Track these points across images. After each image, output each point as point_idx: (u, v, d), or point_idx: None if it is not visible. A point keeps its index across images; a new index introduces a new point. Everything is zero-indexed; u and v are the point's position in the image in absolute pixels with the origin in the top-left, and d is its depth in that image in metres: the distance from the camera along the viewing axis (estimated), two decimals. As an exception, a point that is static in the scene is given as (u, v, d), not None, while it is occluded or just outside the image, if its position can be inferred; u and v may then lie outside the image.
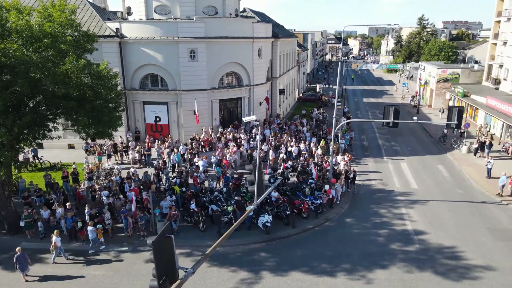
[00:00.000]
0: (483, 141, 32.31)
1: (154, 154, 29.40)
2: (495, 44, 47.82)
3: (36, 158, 29.32)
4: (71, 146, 33.30)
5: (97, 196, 22.10)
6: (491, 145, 31.78)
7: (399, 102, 60.21)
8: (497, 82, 45.38)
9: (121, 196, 21.94)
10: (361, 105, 58.08)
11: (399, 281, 16.11)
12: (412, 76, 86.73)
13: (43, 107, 17.93)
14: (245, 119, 14.92)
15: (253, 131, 32.52)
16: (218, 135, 31.32)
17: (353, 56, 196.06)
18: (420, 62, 68.04)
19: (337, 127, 25.06)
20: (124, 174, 24.60)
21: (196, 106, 31.07)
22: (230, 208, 20.24)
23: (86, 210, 19.62)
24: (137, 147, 29.11)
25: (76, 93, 17.61)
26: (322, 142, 31.09)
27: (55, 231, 17.36)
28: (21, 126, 16.66)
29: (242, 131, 32.21)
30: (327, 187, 22.60)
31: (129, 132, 32.53)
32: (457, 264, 17.27)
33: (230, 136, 30.89)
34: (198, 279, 16.29)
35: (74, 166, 25.07)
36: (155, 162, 26.53)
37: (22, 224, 19.01)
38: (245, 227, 20.16)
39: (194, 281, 16.20)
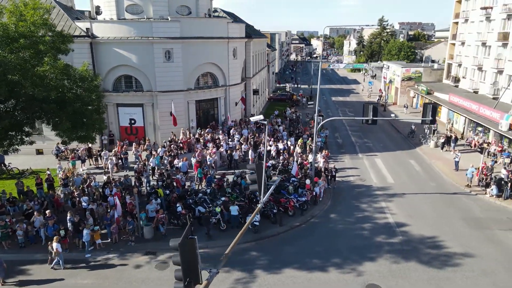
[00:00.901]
0: (449, 135, 34.18)
1: (131, 157, 28.73)
2: (454, 44, 50.56)
3: (2, 165, 27.75)
4: (39, 152, 31.77)
5: (76, 202, 21.29)
6: (456, 139, 33.71)
7: (366, 100, 62.16)
8: (456, 80, 47.99)
9: (102, 201, 21.20)
10: (330, 104, 59.45)
11: (388, 271, 16.77)
12: (375, 75, 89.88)
13: (20, 111, 17.02)
14: (252, 119, 14.99)
15: (231, 131, 32.53)
16: (197, 136, 31.04)
17: (316, 56, 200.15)
18: (384, 61, 70.63)
19: (319, 125, 25.58)
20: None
21: (173, 108, 30.65)
22: (218, 209, 20.17)
23: (68, 217, 18.87)
24: (113, 151, 28.29)
25: (55, 95, 16.88)
26: (300, 141, 31.63)
27: (55, 237, 16.74)
28: (-2, 132, 15.78)
29: (220, 131, 32.13)
30: (307, 181, 23.11)
31: (103, 135, 31.44)
32: (439, 253, 18.21)
33: (209, 137, 30.72)
34: (192, 282, 16.14)
35: (48, 172, 23.96)
36: (135, 166, 25.88)
37: (-1, 234, 17.97)
38: (231, 227, 20.22)
39: (188, 284, 16.07)
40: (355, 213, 22.55)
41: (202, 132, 31.76)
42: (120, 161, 28.11)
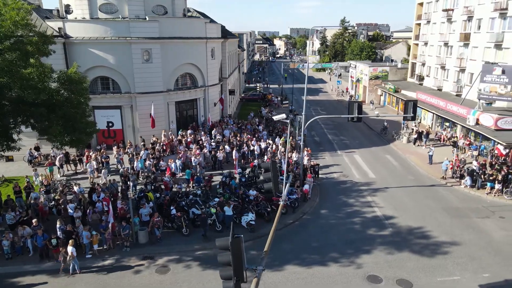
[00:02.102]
0: (420, 131, 35.98)
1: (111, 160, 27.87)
2: (417, 44, 53.17)
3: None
4: (9, 159, 29.92)
5: (61, 209, 20.43)
6: (428, 134, 35.54)
7: (336, 99, 63.97)
8: (421, 78, 50.56)
9: (91, 208, 20.46)
10: (302, 103, 60.25)
11: (384, 262, 17.49)
12: (340, 74, 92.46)
13: (6, 115, 16.07)
14: (275, 118, 15.15)
15: (213, 132, 32.37)
16: (179, 137, 30.64)
17: (280, 56, 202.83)
18: (351, 61, 72.80)
19: (306, 124, 26.08)
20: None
21: (153, 109, 30.05)
22: (213, 210, 20.09)
23: (58, 226, 18.05)
24: (93, 155, 27.32)
25: (44, 98, 16.11)
26: (282, 140, 32.05)
27: (70, 241, 16.16)
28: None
29: (202, 132, 31.90)
30: (306, 186, 23.63)
31: (78, 139, 30.22)
32: (428, 242, 19.22)
33: (191, 139, 30.43)
34: (196, 284, 16.04)
35: (27, 179, 22.78)
36: (120, 170, 25.15)
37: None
38: (226, 227, 20.20)
39: (192, 286, 15.94)
40: (344, 208, 23.25)
41: (184, 134, 31.37)
42: (101, 165, 27.18)
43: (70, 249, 15.93)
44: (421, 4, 51.62)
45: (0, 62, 14.21)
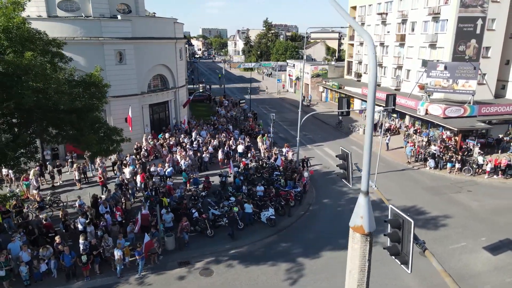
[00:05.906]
0: (376, 123, 39.75)
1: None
2: (352, 44, 58.01)
3: None
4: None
5: (69, 225, 18.75)
6: (382, 125, 39.39)
7: (277, 97, 66.45)
8: (358, 75, 55.37)
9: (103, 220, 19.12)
10: (248, 102, 61.63)
11: (401, 239, 19.56)
12: (271, 73, 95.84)
13: (35, 123, 14.43)
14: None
15: (193, 133, 31.89)
16: (161, 141, 29.62)
17: (199, 56, 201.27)
18: (289, 60, 76.09)
19: (302, 121, 27.30)
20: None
21: (130, 113, 28.62)
22: (235, 209, 20.25)
23: (80, 241, 16.62)
24: (75, 165, 25.18)
25: (75, 105, 14.83)
26: (260, 137, 32.91)
27: (118, 244, 15.91)
28: (15, 149, 13.16)
29: (182, 135, 31.23)
30: (306, 174, 24.84)
31: (46, 150, 27.46)
32: (426, 217, 21.92)
33: (173, 142, 29.67)
34: (248, 281, 16.27)
35: (15, 197, 20.26)
36: (117, 179, 23.62)
37: (2, 273, 14.88)
38: (246, 224, 20.57)
39: (244, 283, 16.12)
40: (342, 196, 25.09)
41: (164, 137, 30.41)
42: (82, 176, 25.21)
43: (117, 252, 15.43)
44: (354, 7, 56.41)
45: (38, 65, 12.74)
